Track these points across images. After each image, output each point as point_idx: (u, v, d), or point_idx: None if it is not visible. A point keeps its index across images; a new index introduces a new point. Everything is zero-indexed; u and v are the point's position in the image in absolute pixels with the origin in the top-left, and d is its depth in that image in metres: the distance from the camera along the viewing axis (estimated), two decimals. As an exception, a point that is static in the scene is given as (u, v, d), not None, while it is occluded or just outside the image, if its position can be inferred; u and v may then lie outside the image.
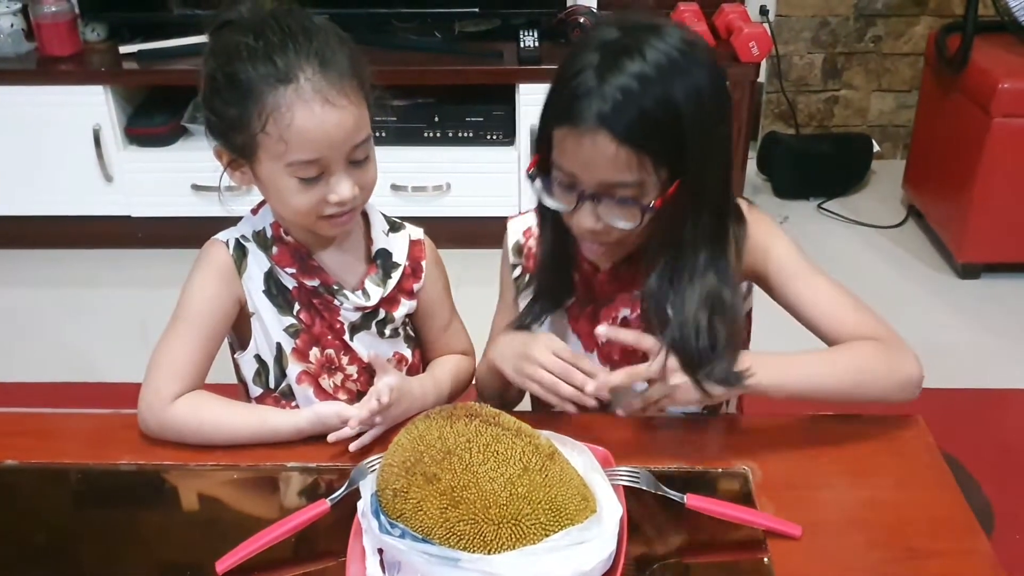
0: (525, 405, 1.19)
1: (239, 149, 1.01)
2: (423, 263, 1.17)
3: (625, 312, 1.11)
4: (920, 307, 2.47)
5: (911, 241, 2.76)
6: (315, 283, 1.10)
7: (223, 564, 0.86)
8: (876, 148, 3.05)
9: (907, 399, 1.00)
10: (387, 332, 1.16)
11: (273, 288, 1.10)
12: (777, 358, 1.00)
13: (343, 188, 1.01)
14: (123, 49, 2.59)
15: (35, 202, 2.66)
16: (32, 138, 2.57)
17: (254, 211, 1.13)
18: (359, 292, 1.13)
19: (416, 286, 1.17)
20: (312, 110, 0.97)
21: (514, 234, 1.19)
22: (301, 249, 1.10)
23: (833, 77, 3.13)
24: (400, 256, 1.16)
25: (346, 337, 1.13)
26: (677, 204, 0.96)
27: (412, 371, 1.20)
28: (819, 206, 2.93)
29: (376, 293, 1.13)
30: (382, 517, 0.83)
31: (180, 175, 2.59)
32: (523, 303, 1.16)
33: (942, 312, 2.44)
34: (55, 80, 2.55)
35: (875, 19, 3.03)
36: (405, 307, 1.17)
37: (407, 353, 1.20)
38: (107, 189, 2.63)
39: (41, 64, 2.57)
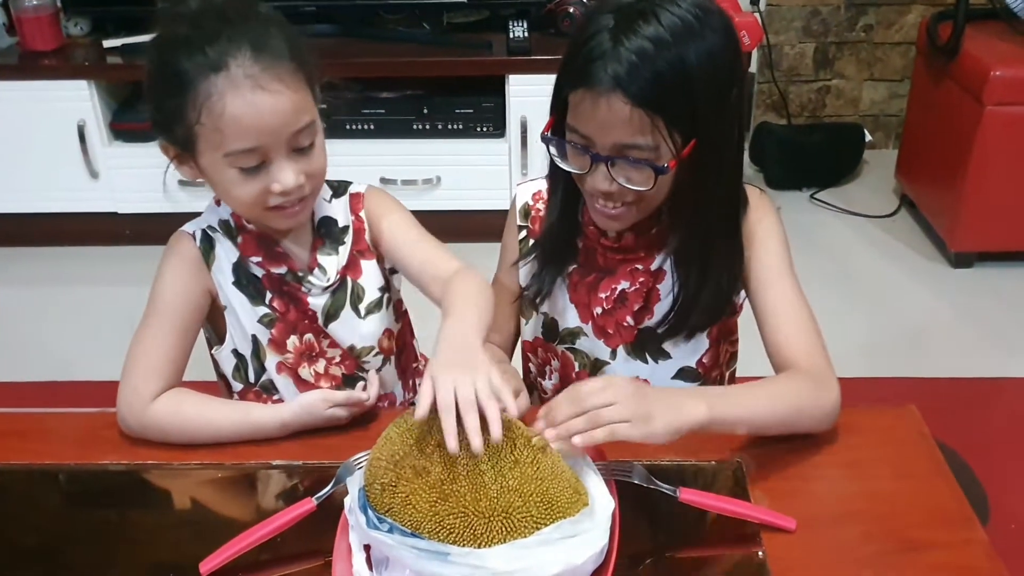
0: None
1: (181, 142, 0.99)
2: (361, 214, 1.13)
3: (624, 285, 1.11)
4: (913, 296, 2.46)
5: (904, 230, 2.76)
6: (282, 270, 1.09)
7: (207, 565, 0.85)
8: (868, 138, 3.04)
9: (827, 428, 1.00)
10: (363, 310, 1.12)
11: (243, 279, 1.09)
12: (724, 395, 0.97)
13: (285, 176, 0.98)
14: (107, 43, 2.56)
15: (19, 199, 2.64)
16: (15, 134, 2.54)
17: (217, 201, 1.10)
18: (316, 270, 1.10)
19: (367, 237, 1.13)
20: (243, 97, 0.94)
21: (523, 197, 1.19)
22: (265, 236, 1.08)
23: (825, 67, 3.12)
24: (344, 217, 1.12)
25: (320, 323, 1.11)
26: (690, 167, 0.98)
27: (399, 338, 1.19)
28: (811, 196, 2.93)
29: (332, 264, 1.10)
30: (370, 512, 0.82)
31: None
32: (523, 267, 1.17)
33: (935, 301, 2.44)
34: (38, 75, 2.52)
35: (866, 8, 3.02)
36: (371, 271, 1.13)
37: (395, 327, 1.18)
38: (93, 185, 2.61)
39: (23, 59, 2.55)
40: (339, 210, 1.12)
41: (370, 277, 1.13)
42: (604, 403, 0.84)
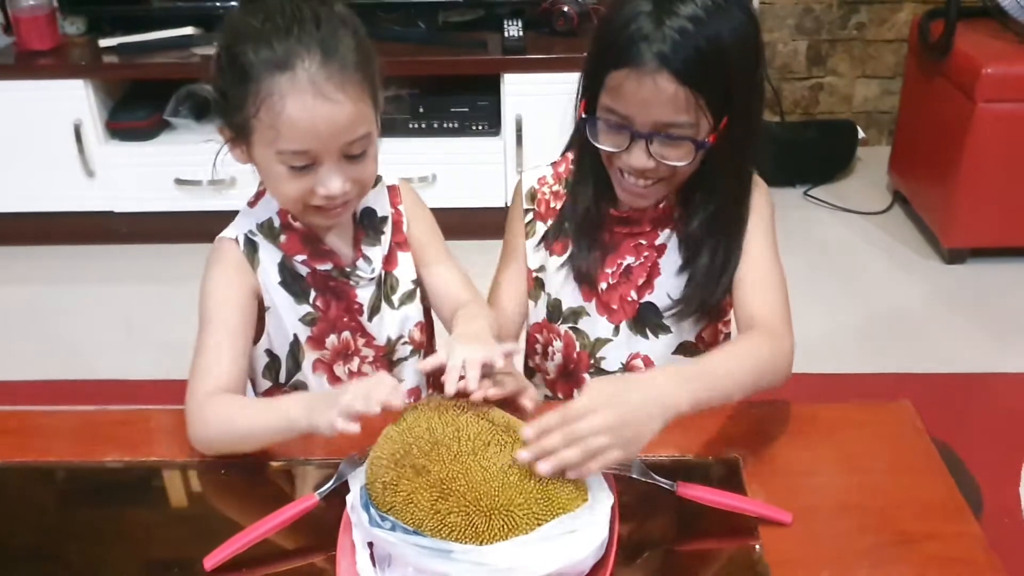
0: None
1: (237, 129, 1.00)
2: (400, 207, 1.15)
3: (629, 259, 1.14)
4: (906, 293, 2.48)
5: (897, 227, 2.77)
6: (327, 267, 1.09)
7: (211, 560, 0.86)
8: (861, 135, 3.05)
9: (784, 380, 1.02)
10: (396, 301, 1.14)
11: (288, 277, 1.09)
12: (701, 378, 0.93)
13: (332, 182, 0.99)
14: (103, 43, 2.56)
15: (16, 198, 2.64)
16: (12, 133, 2.54)
17: (251, 203, 1.10)
18: (361, 260, 1.11)
19: (404, 230, 1.15)
20: (303, 101, 0.95)
21: (528, 182, 1.22)
22: (310, 234, 1.08)
23: (817, 64, 3.13)
24: (384, 208, 1.14)
25: (363, 318, 1.12)
26: (725, 143, 1.02)
27: (427, 331, 1.20)
28: (805, 193, 2.94)
29: (376, 254, 1.12)
30: (372, 510, 0.82)
31: (163, 169, 2.57)
32: (531, 249, 1.19)
33: (929, 297, 2.45)
34: (34, 75, 2.52)
35: (858, 6, 3.04)
36: (406, 263, 1.14)
37: (424, 321, 1.19)
38: (89, 184, 2.61)
39: (20, 58, 2.55)
40: (377, 201, 1.13)
41: (405, 269, 1.15)
42: (592, 431, 0.82)
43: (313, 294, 1.10)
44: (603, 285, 1.15)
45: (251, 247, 1.08)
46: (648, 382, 0.90)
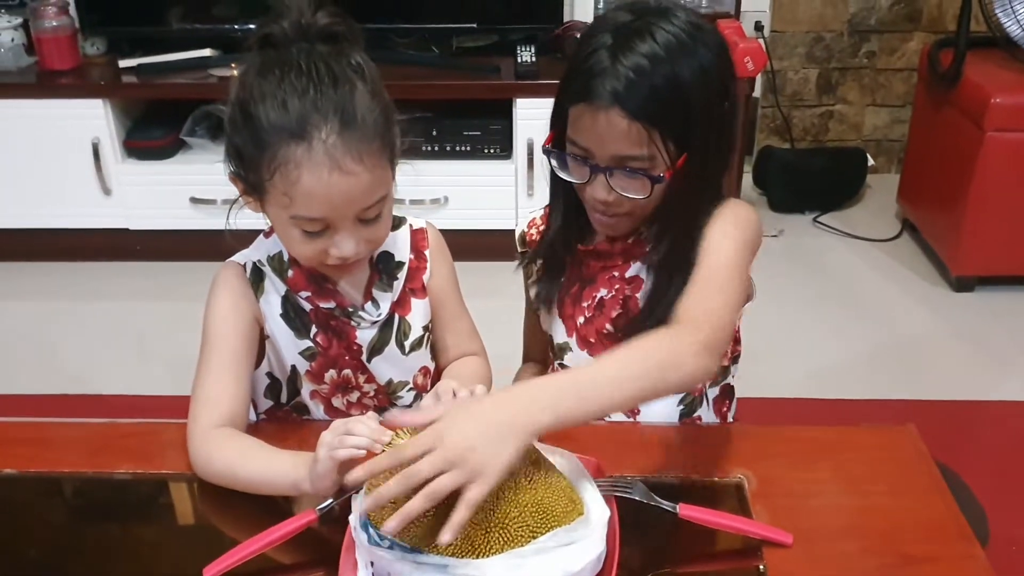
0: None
1: (250, 184, 0.98)
2: (426, 252, 1.13)
3: (603, 292, 1.14)
4: (915, 320, 2.48)
5: (906, 254, 2.77)
6: (331, 305, 1.08)
7: (210, 572, 0.86)
8: (870, 162, 3.07)
9: (697, 378, 0.92)
10: (407, 346, 1.12)
11: (291, 311, 1.07)
12: (571, 388, 0.85)
13: (346, 245, 0.98)
14: (123, 63, 2.60)
15: (34, 215, 2.67)
16: (32, 151, 2.58)
17: (267, 234, 1.09)
18: (368, 304, 1.09)
19: (425, 277, 1.13)
20: (319, 175, 0.92)
21: (521, 227, 1.24)
22: (316, 273, 1.07)
23: (828, 92, 3.15)
24: (403, 253, 1.12)
25: (363, 358, 1.11)
26: (682, 177, 1.02)
27: (432, 377, 1.19)
28: (814, 220, 2.95)
29: (386, 300, 1.10)
30: (371, 530, 0.83)
31: (178, 188, 2.60)
32: (532, 287, 1.21)
33: (936, 325, 2.45)
34: (55, 94, 2.56)
35: (869, 35, 3.06)
36: (420, 309, 1.13)
37: (431, 364, 1.18)
38: (106, 202, 2.64)
39: (41, 78, 2.59)
40: (395, 244, 1.11)
41: (418, 315, 1.13)
42: (433, 472, 0.76)
43: (314, 330, 1.08)
44: (580, 319, 1.15)
45: (257, 275, 1.07)
46: (490, 404, 0.84)
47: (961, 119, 2.44)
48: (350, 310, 1.09)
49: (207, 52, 2.61)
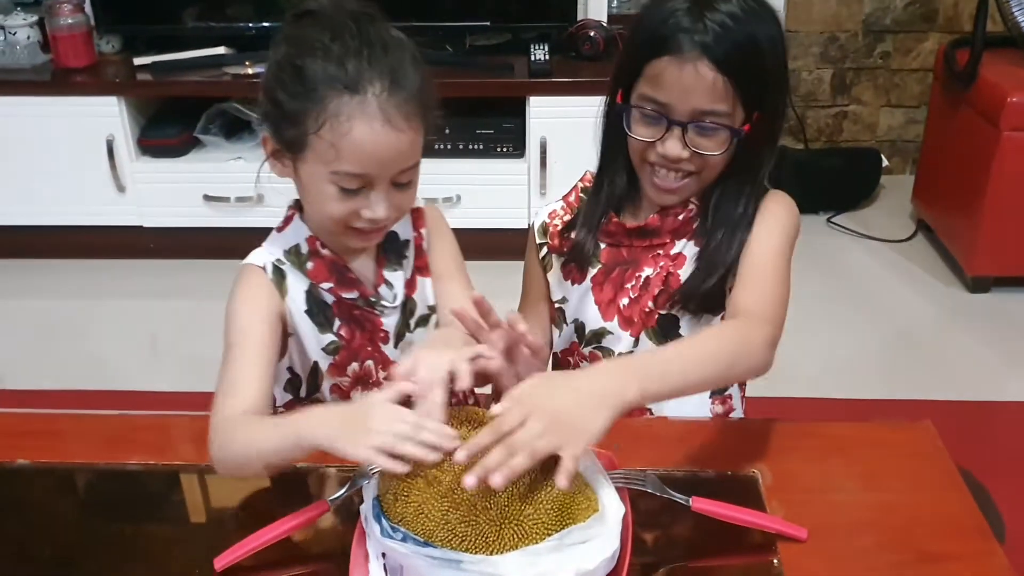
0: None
1: (288, 143, 0.99)
2: (422, 231, 1.14)
3: (648, 271, 1.14)
4: (930, 321, 2.46)
5: (921, 255, 2.76)
6: (353, 295, 1.08)
7: (221, 561, 0.86)
8: (885, 163, 3.05)
9: (763, 368, 0.98)
10: (412, 324, 1.13)
11: (314, 307, 1.08)
12: (654, 366, 0.90)
13: (379, 208, 0.99)
14: (137, 61, 2.62)
15: (48, 212, 2.69)
16: (46, 148, 2.60)
17: (280, 228, 1.09)
18: (383, 287, 1.10)
19: (426, 255, 1.14)
20: (372, 127, 0.95)
21: (540, 218, 1.24)
22: (338, 262, 1.07)
23: (842, 92, 3.14)
24: (406, 231, 1.13)
25: (389, 346, 1.11)
26: (753, 139, 1.07)
27: None
28: (828, 220, 2.94)
29: (398, 279, 1.11)
30: (384, 521, 0.83)
31: (192, 186, 2.61)
32: (552, 279, 1.21)
33: (952, 326, 2.44)
34: (70, 91, 2.57)
35: (884, 35, 3.04)
36: (426, 287, 1.13)
37: None
38: (120, 199, 2.65)
39: (56, 75, 2.60)
40: (400, 225, 1.12)
41: (424, 294, 1.14)
42: (531, 437, 0.78)
43: (337, 323, 1.09)
44: (624, 301, 1.16)
45: (279, 275, 1.06)
46: (583, 376, 0.87)
47: (977, 119, 2.42)
48: (373, 299, 1.09)
49: (221, 50, 2.62)
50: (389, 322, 1.11)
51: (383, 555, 0.84)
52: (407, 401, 0.88)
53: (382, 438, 0.82)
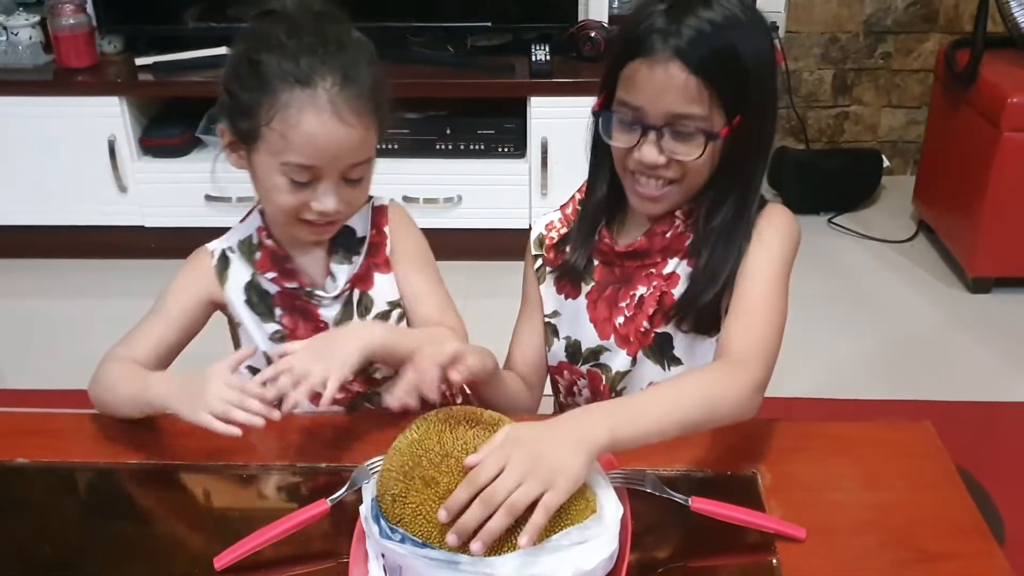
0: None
1: (242, 134, 1.03)
2: (385, 228, 1.15)
3: (642, 290, 1.13)
4: (930, 321, 2.46)
5: (921, 256, 2.76)
6: (294, 285, 1.12)
7: (221, 561, 0.86)
8: (886, 163, 3.05)
9: (747, 413, 0.96)
10: (370, 319, 1.14)
11: (254, 297, 1.12)
12: (627, 410, 0.89)
13: (328, 200, 1.03)
14: (139, 61, 2.62)
15: (50, 212, 2.69)
16: (48, 148, 2.60)
17: (242, 220, 1.14)
18: (327, 280, 1.13)
19: (386, 251, 1.15)
20: (321, 119, 0.98)
21: (537, 228, 1.23)
22: (280, 252, 1.12)
23: (843, 93, 3.14)
24: (363, 228, 1.15)
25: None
26: (735, 146, 1.04)
27: None
28: (829, 221, 2.94)
29: (342, 272, 1.13)
30: (382, 522, 0.83)
31: (194, 186, 2.61)
32: (545, 292, 1.20)
33: (953, 326, 2.44)
34: (71, 91, 2.58)
35: (885, 36, 3.04)
36: (385, 283, 1.14)
37: None
38: (121, 199, 2.65)
39: (58, 75, 2.61)
40: (358, 221, 1.15)
41: (382, 290, 1.15)
42: (507, 487, 0.77)
43: (279, 312, 1.12)
44: (619, 319, 1.14)
45: (223, 263, 1.12)
46: (557, 422, 0.85)
47: (978, 119, 2.42)
48: (309, 289, 1.12)
49: (223, 50, 2.62)
50: (328, 313, 1.13)
51: (382, 555, 0.84)
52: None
53: (214, 404, 0.93)
